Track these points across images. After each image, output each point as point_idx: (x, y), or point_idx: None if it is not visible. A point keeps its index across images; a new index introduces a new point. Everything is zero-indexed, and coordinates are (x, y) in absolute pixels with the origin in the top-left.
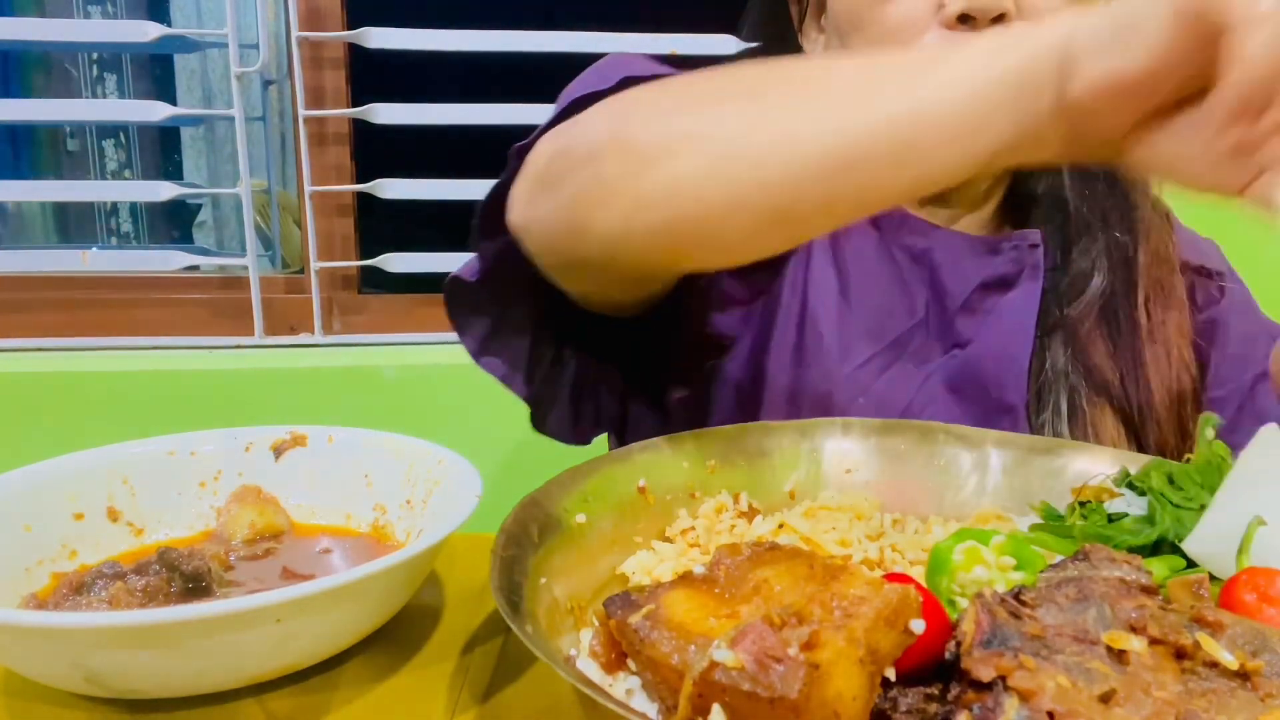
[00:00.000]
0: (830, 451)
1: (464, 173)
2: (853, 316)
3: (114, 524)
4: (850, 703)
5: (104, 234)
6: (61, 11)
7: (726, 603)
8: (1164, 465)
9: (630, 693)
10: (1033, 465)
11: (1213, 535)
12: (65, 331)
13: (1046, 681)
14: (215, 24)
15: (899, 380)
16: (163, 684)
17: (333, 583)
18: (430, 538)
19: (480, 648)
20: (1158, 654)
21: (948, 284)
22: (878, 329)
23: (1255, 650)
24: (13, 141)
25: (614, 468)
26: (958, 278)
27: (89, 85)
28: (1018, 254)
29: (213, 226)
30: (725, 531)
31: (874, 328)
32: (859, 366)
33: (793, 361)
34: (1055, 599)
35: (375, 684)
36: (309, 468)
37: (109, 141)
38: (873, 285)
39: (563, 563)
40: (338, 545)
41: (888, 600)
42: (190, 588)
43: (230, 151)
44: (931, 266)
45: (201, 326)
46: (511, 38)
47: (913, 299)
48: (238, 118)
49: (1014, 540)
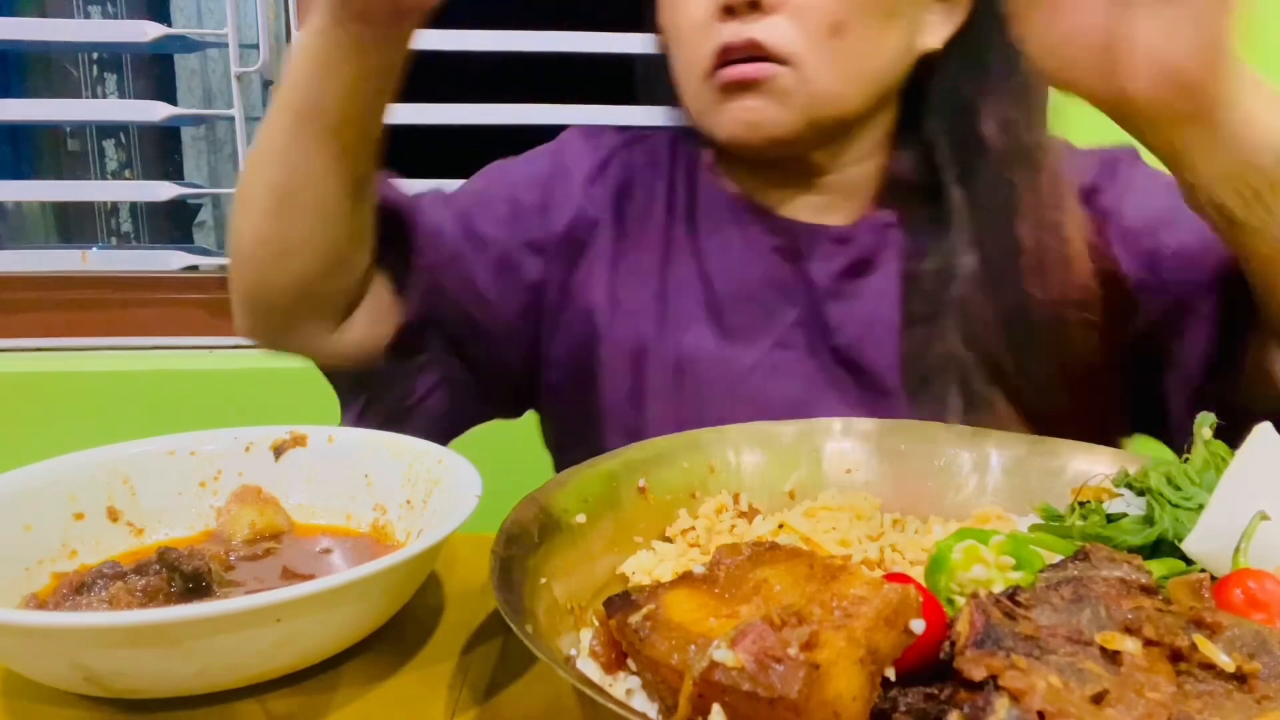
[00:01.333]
0: (830, 451)
1: (464, 173)
2: (728, 324)
3: (114, 524)
4: (850, 703)
5: (104, 234)
6: (61, 11)
7: (726, 603)
8: (1163, 465)
9: (630, 693)
10: (1033, 465)
11: (1211, 535)
12: (65, 331)
13: (1038, 681)
14: (215, 24)
15: (785, 379)
16: (163, 684)
17: (333, 583)
18: (430, 538)
19: (480, 648)
20: (1152, 655)
21: (815, 276)
22: (757, 332)
23: (1253, 652)
24: (13, 141)
25: (614, 468)
26: (823, 268)
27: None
28: (874, 237)
29: (213, 226)
30: (725, 531)
31: (753, 331)
32: (746, 372)
33: (673, 384)
34: (1050, 599)
35: (375, 684)
36: (309, 468)
37: (109, 141)
38: (744, 290)
39: (563, 563)
40: (338, 545)
41: (888, 600)
42: (190, 588)
43: (230, 151)
44: (798, 260)
45: (201, 326)
46: (512, 38)
47: (787, 296)
48: (238, 118)
49: (1013, 540)
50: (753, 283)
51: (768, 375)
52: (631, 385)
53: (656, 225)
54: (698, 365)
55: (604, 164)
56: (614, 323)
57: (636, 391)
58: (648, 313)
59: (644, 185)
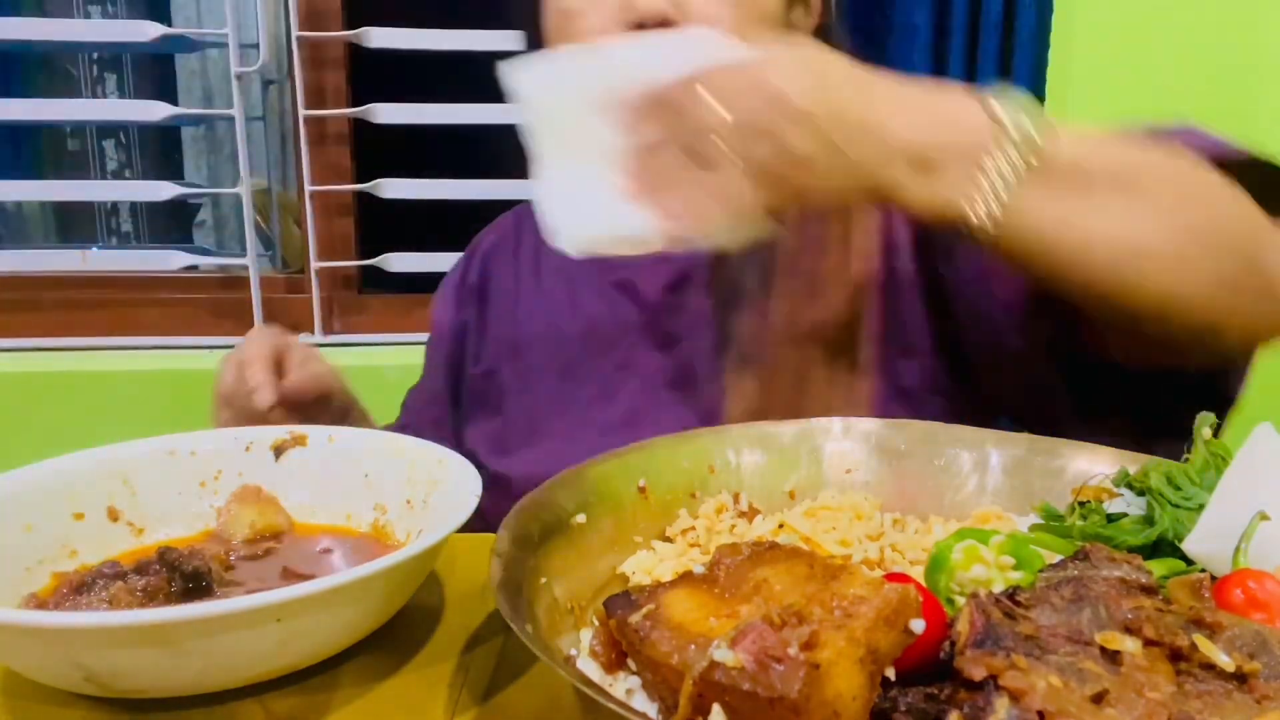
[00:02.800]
0: (830, 451)
1: (464, 172)
2: (569, 352)
3: (114, 524)
4: (850, 703)
5: (104, 234)
6: (61, 11)
7: (726, 603)
8: (1163, 465)
9: (630, 693)
10: (1033, 465)
11: (1211, 535)
12: (65, 331)
13: (1038, 681)
14: (215, 24)
15: (626, 397)
16: (163, 684)
17: (333, 583)
18: (430, 538)
19: (480, 648)
20: (1152, 655)
21: (645, 294)
22: (598, 355)
23: (1253, 652)
24: (13, 141)
25: (614, 468)
26: (651, 285)
27: (89, 85)
28: (687, 250)
29: (213, 226)
30: (725, 531)
31: (594, 355)
32: (590, 400)
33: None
34: (1050, 599)
35: (375, 684)
36: (309, 468)
37: (109, 141)
38: (583, 319)
39: (563, 563)
40: (338, 545)
41: (888, 600)
42: (190, 588)
43: (230, 151)
44: (630, 283)
45: (201, 326)
46: (512, 37)
47: (622, 319)
48: (238, 118)
49: (1013, 540)
50: (593, 318)
51: (606, 399)
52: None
53: (509, 290)
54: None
55: (462, 278)
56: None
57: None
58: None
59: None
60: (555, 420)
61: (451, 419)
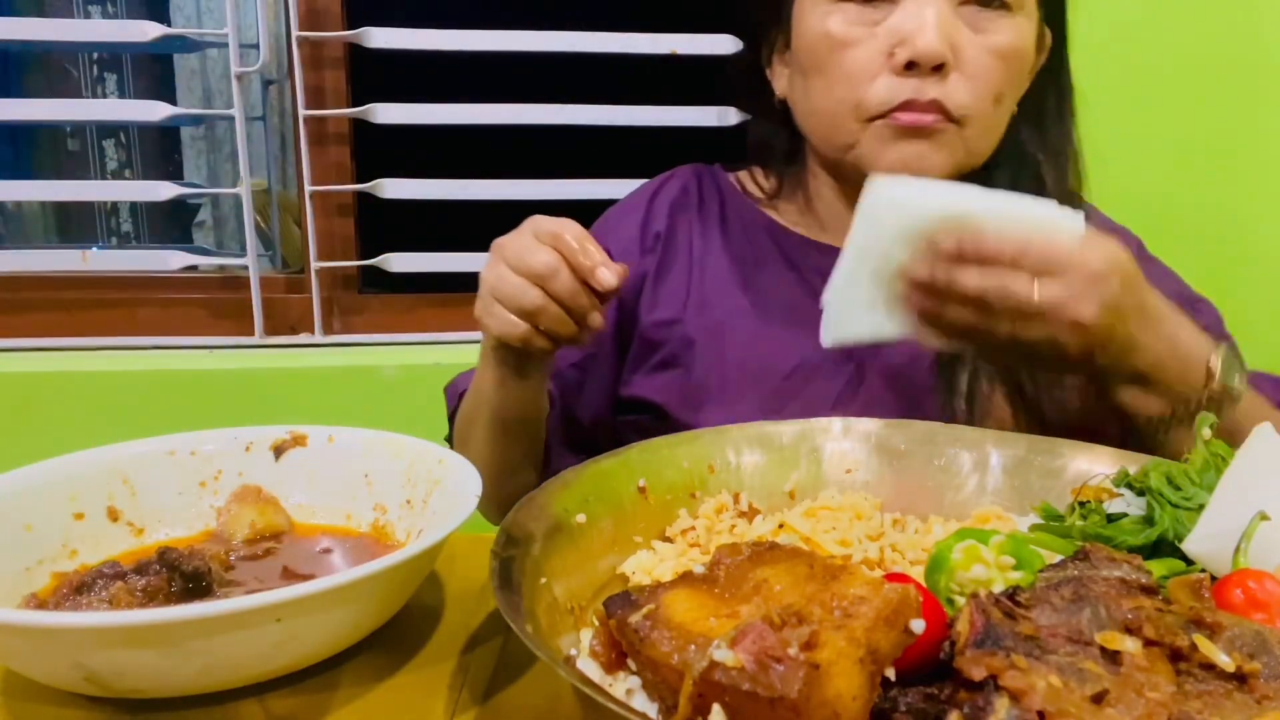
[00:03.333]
0: (830, 451)
1: (464, 172)
2: (764, 339)
3: (114, 524)
4: (850, 703)
5: (104, 234)
6: (61, 11)
7: (726, 603)
8: (1163, 465)
9: (630, 693)
10: (1033, 465)
11: (1211, 535)
12: (65, 331)
13: (1038, 681)
14: (215, 24)
15: (814, 403)
16: (163, 684)
17: (333, 583)
18: (430, 538)
19: (480, 648)
20: (1152, 655)
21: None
22: (794, 346)
23: (1253, 652)
24: (13, 141)
25: (614, 468)
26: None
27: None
28: None
29: (213, 226)
30: (725, 531)
31: (790, 346)
32: (770, 392)
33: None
34: (1050, 599)
35: (375, 684)
36: (309, 468)
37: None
38: (784, 314)
39: (563, 563)
40: (338, 545)
41: (888, 600)
42: (190, 588)
43: (230, 151)
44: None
45: (201, 326)
46: (512, 37)
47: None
48: (238, 118)
49: (1013, 540)
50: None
51: (786, 399)
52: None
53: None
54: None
55: (645, 224)
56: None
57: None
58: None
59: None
60: (747, 385)
61: (614, 364)
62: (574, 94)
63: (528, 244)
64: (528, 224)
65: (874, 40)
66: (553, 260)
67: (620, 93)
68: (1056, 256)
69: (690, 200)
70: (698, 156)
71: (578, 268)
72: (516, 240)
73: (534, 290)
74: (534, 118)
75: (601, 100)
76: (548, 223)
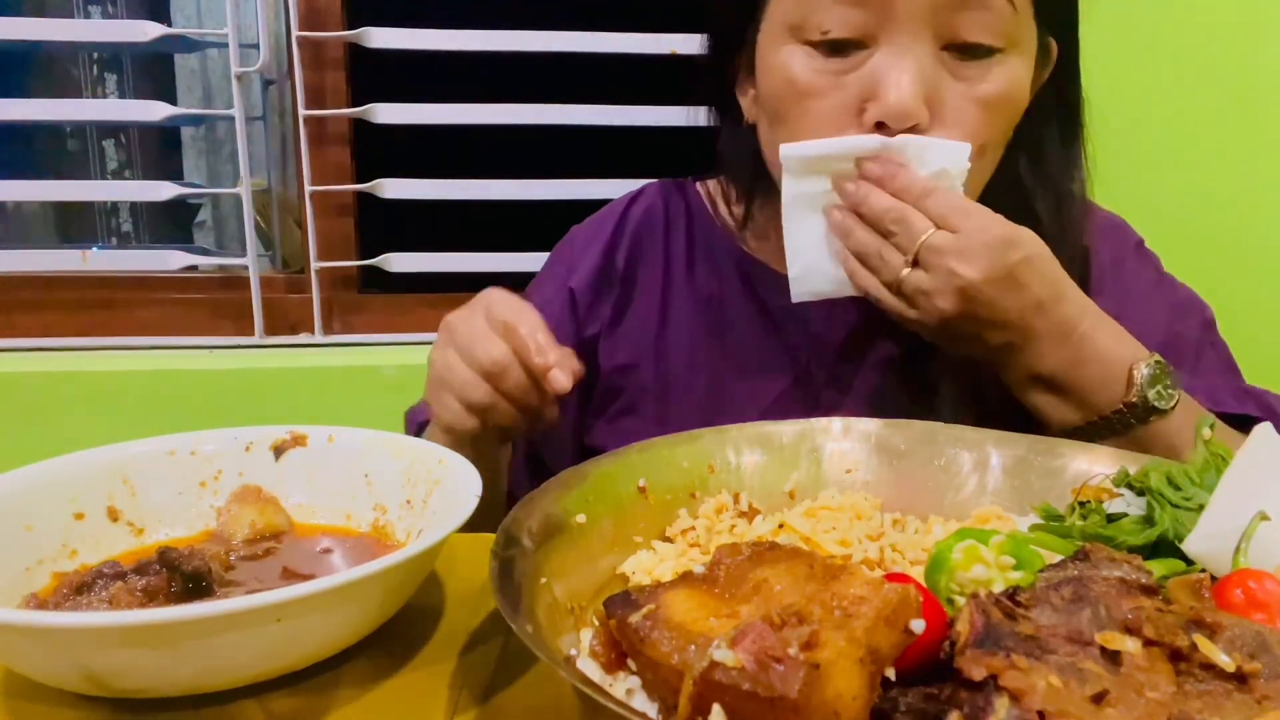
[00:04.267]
0: (830, 451)
1: (464, 172)
2: (727, 382)
3: (114, 524)
4: (850, 703)
5: (104, 234)
6: (61, 11)
7: (726, 603)
8: (1163, 465)
9: (630, 693)
10: (1033, 465)
11: (1211, 535)
12: (65, 331)
13: (1038, 681)
14: (215, 24)
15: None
16: (163, 684)
17: (333, 583)
18: (430, 538)
19: (480, 648)
20: (1152, 655)
21: (822, 334)
22: (758, 389)
23: (1253, 652)
24: (13, 141)
25: (614, 468)
26: (829, 326)
27: (89, 85)
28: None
29: (213, 226)
30: (725, 531)
31: (754, 388)
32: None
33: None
34: (1051, 599)
35: (375, 684)
36: (309, 468)
37: (109, 141)
38: (747, 356)
39: (563, 563)
40: (338, 545)
41: (888, 600)
42: (190, 588)
43: (230, 151)
44: (804, 319)
45: (201, 326)
46: (511, 37)
47: (793, 353)
48: (238, 118)
49: (1013, 540)
50: (754, 343)
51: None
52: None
53: (656, 281)
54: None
55: (605, 259)
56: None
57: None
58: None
59: (648, 243)
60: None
61: (577, 413)
62: (574, 94)
63: (479, 331)
64: (479, 302)
65: (842, 91)
66: (502, 357)
67: (620, 93)
68: (958, 209)
69: (656, 226)
70: (697, 156)
71: (531, 368)
72: (468, 324)
73: (483, 386)
74: (534, 118)
75: (601, 100)
76: (501, 306)
